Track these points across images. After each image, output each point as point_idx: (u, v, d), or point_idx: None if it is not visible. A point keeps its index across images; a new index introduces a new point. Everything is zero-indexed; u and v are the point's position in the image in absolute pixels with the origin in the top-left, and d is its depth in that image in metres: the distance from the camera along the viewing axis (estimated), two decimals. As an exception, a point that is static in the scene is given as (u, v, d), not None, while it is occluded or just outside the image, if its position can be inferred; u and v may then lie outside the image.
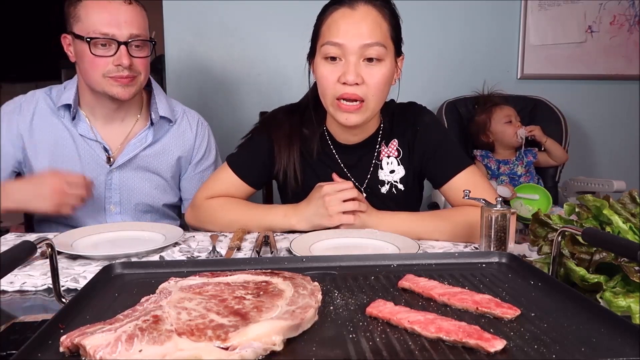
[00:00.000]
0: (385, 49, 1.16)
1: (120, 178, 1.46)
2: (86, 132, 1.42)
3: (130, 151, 1.45)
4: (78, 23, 1.32)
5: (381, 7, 1.18)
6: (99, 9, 1.31)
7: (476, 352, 0.57)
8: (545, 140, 2.24)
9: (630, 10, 2.52)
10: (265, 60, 2.36)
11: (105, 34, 1.30)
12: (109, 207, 1.47)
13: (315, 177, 1.30)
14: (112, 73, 1.33)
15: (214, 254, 1.06)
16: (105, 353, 0.53)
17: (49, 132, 1.42)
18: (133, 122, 1.48)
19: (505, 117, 2.24)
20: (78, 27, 1.32)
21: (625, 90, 2.59)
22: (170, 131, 1.52)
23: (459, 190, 1.21)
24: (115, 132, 1.46)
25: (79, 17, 1.31)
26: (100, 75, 1.33)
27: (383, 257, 0.92)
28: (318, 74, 1.21)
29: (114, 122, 1.45)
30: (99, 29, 1.30)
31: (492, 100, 2.29)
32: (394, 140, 1.33)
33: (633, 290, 0.76)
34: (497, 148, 2.29)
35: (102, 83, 1.34)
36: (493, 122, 2.25)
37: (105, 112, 1.43)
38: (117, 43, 1.31)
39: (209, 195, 1.32)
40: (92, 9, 1.31)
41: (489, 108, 2.27)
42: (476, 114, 2.32)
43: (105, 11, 1.31)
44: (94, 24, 1.30)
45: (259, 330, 0.57)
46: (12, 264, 0.65)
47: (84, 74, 1.37)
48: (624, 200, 0.90)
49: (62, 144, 1.41)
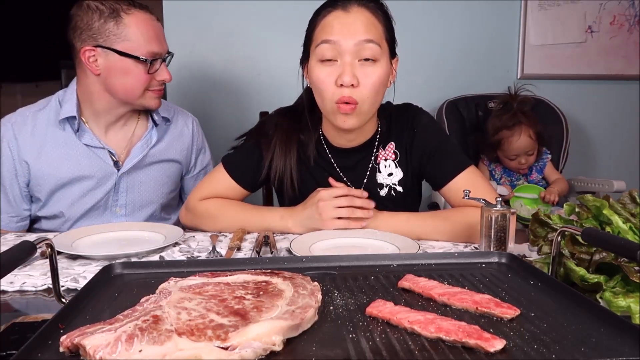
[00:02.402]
0: (380, 48, 1.16)
1: (127, 181, 1.47)
2: (90, 141, 1.42)
3: (138, 154, 1.46)
4: (124, 41, 1.32)
5: (374, 9, 1.17)
6: (147, 28, 1.35)
7: (476, 352, 0.57)
8: (555, 199, 2.14)
9: (630, 10, 2.52)
10: (265, 60, 2.36)
11: (156, 53, 1.36)
12: (115, 210, 1.48)
13: (313, 182, 1.30)
14: (154, 87, 1.40)
15: (214, 254, 1.06)
16: (105, 353, 0.53)
17: (52, 148, 1.40)
18: (134, 125, 1.48)
19: (516, 149, 2.13)
20: (124, 45, 1.33)
21: (625, 90, 2.59)
22: (169, 130, 1.54)
23: (459, 191, 1.21)
24: (118, 137, 1.46)
25: (126, 35, 1.32)
26: (143, 89, 1.38)
27: (383, 257, 0.92)
28: (314, 77, 1.19)
29: (115, 127, 1.46)
30: (152, 49, 1.35)
31: (518, 119, 2.14)
32: (391, 143, 1.33)
33: (633, 290, 0.76)
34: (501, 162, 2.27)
35: (142, 96, 1.39)
36: (504, 147, 2.16)
37: (112, 119, 1.44)
38: (161, 59, 1.38)
39: (204, 196, 1.32)
40: (139, 28, 1.33)
41: (511, 127, 2.13)
42: (496, 120, 2.18)
43: (152, 29, 1.36)
44: (146, 43, 1.34)
45: (259, 330, 0.57)
46: (12, 264, 0.65)
47: (120, 88, 1.37)
48: (624, 200, 0.90)
49: (67, 156, 1.40)
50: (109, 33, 1.32)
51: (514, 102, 2.17)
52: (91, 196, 1.44)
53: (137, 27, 1.33)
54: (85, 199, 1.43)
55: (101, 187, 1.44)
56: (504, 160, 2.21)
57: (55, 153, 1.40)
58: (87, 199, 1.43)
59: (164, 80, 1.40)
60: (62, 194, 1.42)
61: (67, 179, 1.40)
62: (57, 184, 1.40)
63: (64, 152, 1.40)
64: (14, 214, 1.42)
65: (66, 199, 1.42)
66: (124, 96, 1.38)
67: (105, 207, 1.47)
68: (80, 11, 1.33)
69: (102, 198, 1.45)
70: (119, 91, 1.37)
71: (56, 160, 1.39)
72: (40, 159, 1.39)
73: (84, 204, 1.43)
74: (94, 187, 1.43)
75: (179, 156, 1.55)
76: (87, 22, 1.32)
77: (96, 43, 1.33)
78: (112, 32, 1.32)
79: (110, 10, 1.31)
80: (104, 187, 1.44)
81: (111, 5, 1.32)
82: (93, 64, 1.34)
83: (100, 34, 1.32)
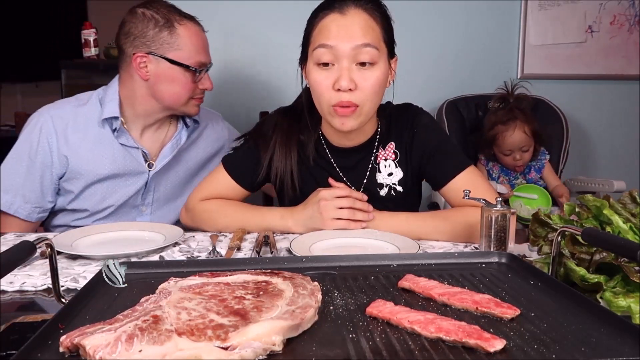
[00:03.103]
0: (378, 51, 1.15)
1: (156, 180, 1.51)
2: (126, 141, 1.45)
3: (168, 154, 1.50)
4: (177, 51, 1.37)
5: (372, 10, 1.17)
6: (197, 39, 1.41)
7: (476, 352, 0.57)
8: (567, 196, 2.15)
9: (630, 10, 2.52)
10: (265, 60, 2.36)
11: (203, 63, 1.42)
12: (141, 209, 1.52)
13: (313, 182, 1.30)
14: (197, 95, 1.45)
15: (214, 254, 1.06)
16: (105, 353, 0.53)
17: (91, 145, 1.43)
18: (167, 128, 1.53)
19: (511, 144, 2.13)
20: (176, 54, 1.37)
21: (625, 90, 2.59)
22: (203, 134, 1.60)
23: (459, 191, 1.21)
24: (152, 139, 1.51)
25: (178, 45, 1.37)
26: (188, 97, 1.43)
27: (383, 257, 0.92)
28: (311, 80, 1.19)
29: (151, 129, 1.50)
30: (200, 59, 1.40)
31: (513, 114, 2.13)
32: (391, 143, 1.33)
33: (633, 290, 0.76)
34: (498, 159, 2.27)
35: (186, 104, 1.44)
36: (498, 142, 2.16)
37: (150, 122, 1.48)
38: (205, 69, 1.43)
39: (204, 197, 1.33)
40: (190, 38, 1.39)
41: (506, 122, 2.13)
42: (492, 116, 2.18)
43: (201, 40, 1.42)
44: (196, 53, 1.40)
45: (259, 330, 0.57)
46: (12, 264, 0.65)
47: (166, 94, 1.41)
48: (624, 200, 0.90)
49: (104, 154, 1.43)
50: (163, 42, 1.37)
51: (510, 99, 2.18)
52: (121, 194, 1.47)
53: (189, 38, 1.39)
54: (115, 196, 1.47)
55: (132, 186, 1.48)
56: (499, 156, 2.21)
57: (93, 150, 1.43)
58: (117, 196, 1.47)
59: (207, 88, 1.45)
60: (94, 189, 1.45)
61: (103, 176, 1.44)
62: (92, 180, 1.44)
63: (101, 149, 1.43)
64: (39, 204, 1.43)
65: (97, 195, 1.46)
66: (169, 102, 1.43)
67: (132, 205, 1.51)
68: (134, 18, 1.38)
69: (132, 196, 1.49)
70: (165, 97, 1.42)
71: (94, 157, 1.43)
72: (79, 154, 1.42)
73: (114, 201, 1.47)
74: (126, 185, 1.47)
75: (208, 153, 1.61)
76: (142, 30, 1.37)
77: (149, 50, 1.37)
78: (166, 41, 1.37)
79: (165, 20, 1.37)
80: (134, 185, 1.48)
81: (165, 15, 1.37)
82: (143, 70, 1.39)
83: (154, 42, 1.37)
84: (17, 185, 1.40)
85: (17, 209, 1.40)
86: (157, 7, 1.38)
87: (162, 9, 1.38)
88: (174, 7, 1.41)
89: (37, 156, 1.40)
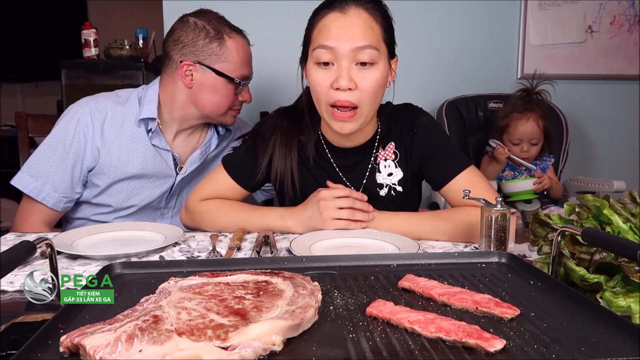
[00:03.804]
0: (378, 51, 1.15)
1: (182, 184, 1.54)
2: (159, 143, 1.47)
3: (196, 160, 1.53)
4: (224, 62, 1.41)
5: (372, 10, 1.16)
6: (243, 52, 1.45)
7: (476, 352, 0.57)
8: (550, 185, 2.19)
9: (630, 10, 2.52)
10: (265, 60, 2.35)
11: (246, 77, 1.46)
12: (164, 212, 1.55)
13: (313, 182, 1.30)
14: (236, 106, 1.49)
15: (214, 254, 1.06)
16: (105, 353, 0.53)
17: (125, 142, 1.45)
18: (199, 134, 1.55)
19: (522, 134, 2.15)
20: (222, 65, 1.41)
21: (625, 90, 2.59)
22: (227, 140, 1.61)
23: (459, 191, 1.21)
24: (184, 143, 1.53)
25: (226, 57, 1.41)
26: (227, 108, 1.46)
27: (383, 257, 0.92)
28: (311, 79, 1.19)
29: (184, 134, 1.52)
30: (244, 72, 1.45)
31: (531, 106, 2.16)
32: (391, 143, 1.33)
33: (633, 290, 0.76)
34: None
35: (224, 114, 1.47)
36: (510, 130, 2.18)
37: (185, 127, 1.50)
38: (247, 82, 1.48)
39: (203, 197, 1.33)
40: (237, 51, 1.43)
41: (522, 111, 2.16)
42: (508, 106, 2.21)
43: (246, 54, 1.46)
44: (241, 66, 1.44)
45: (259, 330, 0.57)
46: (12, 264, 0.65)
47: (207, 103, 1.44)
48: (624, 200, 0.90)
49: (135, 152, 1.45)
50: (211, 52, 1.40)
51: (532, 92, 2.21)
52: (147, 194, 1.49)
53: (237, 51, 1.42)
54: (140, 196, 1.49)
55: (158, 188, 1.50)
56: (507, 145, 2.22)
57: (126, 147, 1.45)
58: (142, 196, 1.49)
59: (245, 101, 1.49)
60: (121, 186, 1.47)
61: (131, 174, 1.46)
62: (120, 177, 1.45)
63: (134, 147, 1.45)
64: (67, 194, 1.44)
65: (123, 192, 1.48)
66: (209, 111, 1.45)
67: (156, 208, 1.53)
68: (186, 27, 1.41)
69: (157, 198, 1.51)
70: (205, 106, 1.44)
71: (125, 154, 1.45)
72: (111, 150, 1.44)
73: (138, 201, 1.49)
74: (152, 187, 1.49)
75: None
76: (192, 39, 1.40)
77: (197, 59, 1.40)
78: (214, 52, 1.40)
79: (215, 31, 1.40)
80: (161, 188, 1.50)
81: (216, 27, 1.41)
82: (188, 77, 1.41)
83: (203, 52, 1.40)
84: (48, 173, 1.41)
85: (45, 197, 1.41)
86: (208, 18, 1.41)
87: (214, 20, 1.41)
88: (224, 19, 1.44)
89: (71, 146, 1.42)
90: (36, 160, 1.42)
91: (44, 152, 1.42)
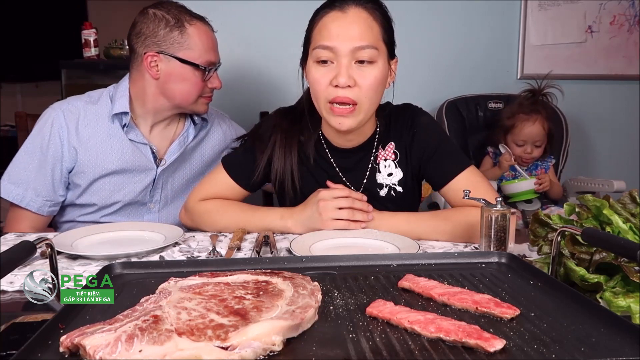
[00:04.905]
0: (377, 51, 1.15)
1: (164, 177, 1.53)
2: (135, 137, 1.47)
3: (175, 151, 1.52)
4: (187, 50, 1.39)
5: (372, 10, 1.17)
6: (206, 38, 1.43)
7: (476, 352, 0.57)
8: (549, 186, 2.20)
9: (630, 10, 2.52)
10: (265, 60, 2.36)
11: (213, 62, 1.44)
12: (149, 206, 1.54)
13: (313, 182, 1.30)
14: (206, 93, 1.47)
15: (214, 254, 1.06)
16: (105, 353, 0.53)
17: (100, 139, 1.45)
18: (176, 125, 1.55)
19: (527, 135, 2.15)
20: (186, 53, 1.39)
21: (625, 90, 2.59)
22: (211, 132, 1.61)
23: (459, 191, 1.21)
24: (161, 135, 1.53)
25: (188, 44, 1.39)
26: (197, 95, 1.44)
27: (383, 257, 0.92)
28: (310, 77, 1.20)
29: (160, 126, 1.52)
30: (209, 58, 1.42)
31: (537, 108, 2.17)
32: (391, 143, 1.33)
33: (633, 290, 0.76)
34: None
35: (195, 102, 1.46)
36: (515, 131, 2.18)
37: (159, 119, 1.50)
38: (214, 68, 1.45)
39: (203, 197, 1.33)
40: (200, 38, 1.41)
41: (529, 112, 2.16)
42: (514, 106, 2.20)
43: (210, 40, 1.44)
44: (205, 52, 1.41)
45: (259, 330, 0.57)
46: (12, 264, 0.65)
47: (177, 93, 1.43)
48: (624, 200, 0.90)
49: (113, 149, 1.45)
50: (173, 41, 1.39)
51: (538, 94, 2.21)
52: (130, 189, 1.49)
53: (199, 37, 1.41)
54: (123, 192, 1.49)
55: (140, 182, 1.49)
56: (511, 145, 2.22)
57: (102, 144, 1.45)
58: (125, 191, 1.49)
59: (215, 87, 1.48)
60: (102, 183, 1.47)
61: (111, 170, 1.45)
62: (100, 173, 1.45)
63: (110, 144, 1.45)
64: (50, 198, 1.45)
65: (105, 189, 1.47)
66: (179, 100, 1.45)
67: (141, 203, 1.52)
68: (146, 19, 1.40)
69: (140, 193, 1.50)
70: (175, 96, 1.44)
71: (102, 151, 1.45)
72: (87, 148, 1.44)
73: (122, 197, 1.48)
74: (134, 181, 1.49)
75: (216, 152, 1.62)
76: (153, 30, 1.39)
77: (159, 49, 1.39)
78: (176, 41, 1.39)
79: (175, 20, 1.39)
80: (142, 182, 1.49)
81: (176, 15, 1.39)
82: (154, 69, 1.41)
83: (165, 41, 1.39)
84: (28, 179, 1.42)
85: (28, 202, 1.42)
86: (167, 8, 1.41)
87: (173, 10, 1.40)
88: (184, 8, 1.43)
89: (48, 149, 1.42)
90: (16, 168, 1.43)
91: (23, 158, 1.43)
